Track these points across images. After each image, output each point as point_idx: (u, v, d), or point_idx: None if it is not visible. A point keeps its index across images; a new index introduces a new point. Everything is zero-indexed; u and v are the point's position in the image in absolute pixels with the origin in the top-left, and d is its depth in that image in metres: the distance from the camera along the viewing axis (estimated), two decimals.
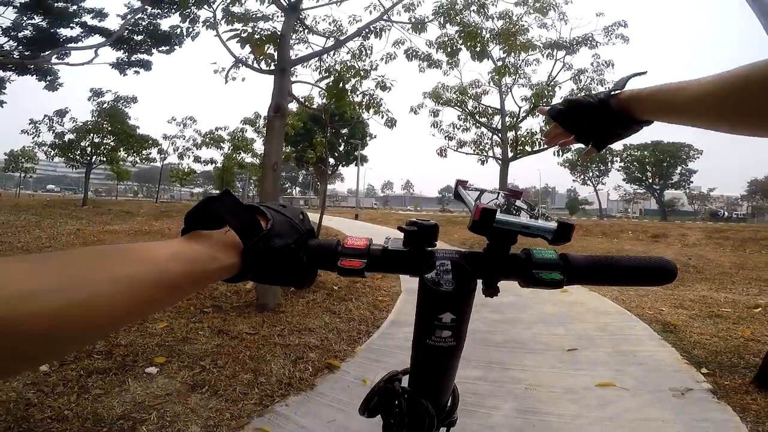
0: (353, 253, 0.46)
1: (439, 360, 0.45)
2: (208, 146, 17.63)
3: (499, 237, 0.45)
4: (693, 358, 2.73)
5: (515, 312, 3.81)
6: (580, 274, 0.46)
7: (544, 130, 12.12)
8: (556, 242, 0.43)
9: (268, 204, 0.45)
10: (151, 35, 10.04)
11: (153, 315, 3.31)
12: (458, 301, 0.42)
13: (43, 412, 1.92)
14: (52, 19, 10.08)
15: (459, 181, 0.60)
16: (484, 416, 2.06)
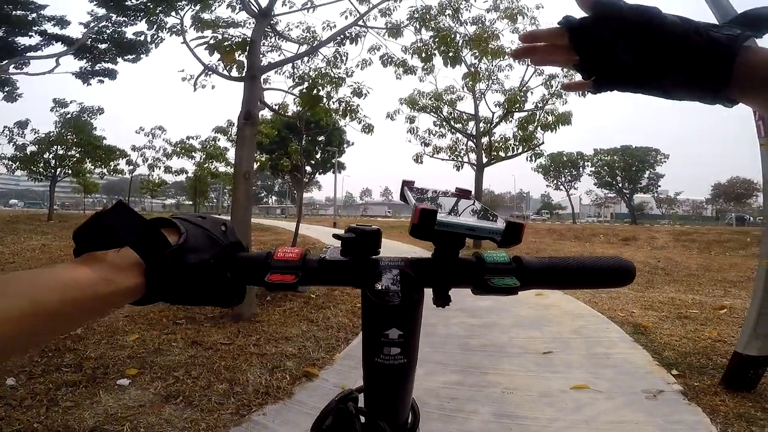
0: (284, 266, 0.42)
1: (390, 379, 0.42)
2: (179, 156, 17.21)
3: (444, 241, 0.42)
4: (664, 360, 2.81)
5: (492, 316, 3.85)
6: (535, 278, 0.43)
7: (517, 136, 12.42)
8: (505, 244, 0.41)
9: (183, 215, 0.41)
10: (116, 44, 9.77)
11: (123, 327, 3.19)
12: (406, 314, 0.39)
13: (11, 425, 1.86)
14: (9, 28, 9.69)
15: (405, 182, 0.56)
16: (463, 421, 2.06)
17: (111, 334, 3.07)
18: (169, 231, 0.37)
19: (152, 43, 5.14)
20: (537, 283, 0.43)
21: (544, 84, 12.22)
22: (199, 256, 0.37)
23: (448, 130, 13.91)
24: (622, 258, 0.45)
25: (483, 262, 0.43)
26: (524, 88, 12.33)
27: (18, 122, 18.15)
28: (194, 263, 0.36)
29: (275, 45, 5.50)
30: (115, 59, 10.21)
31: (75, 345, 2.82)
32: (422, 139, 13.95)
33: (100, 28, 9.57)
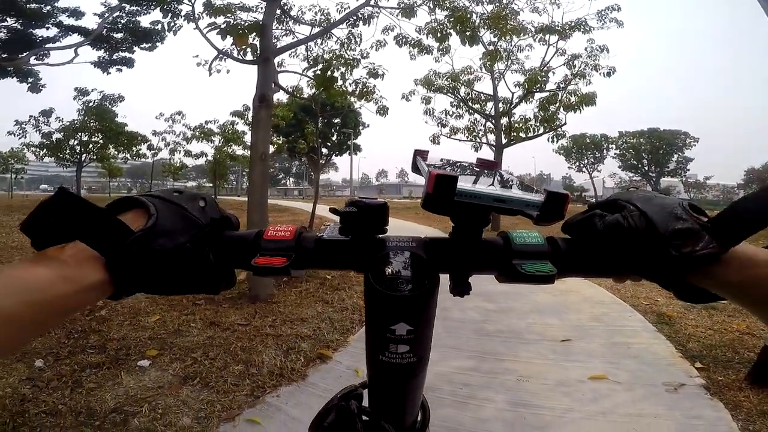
0: (275, 246, 0.36)
1: (397, 379, 0.37)
2: (199, 140, 17.49)
3: (465, 216, 0.35)
4: (687, 352, 2.72)
5: (509, 301, 3.79)
6: (575, 264, 0.36)
7: (538, 117, 12.09)
8: (544, 220, 0.33)
9: (155, 192, 0.35)
10: (132, 33, 9.90)
11: (145, 308, 3.28)
12: (416, 306, 0.33)
13: (38, 406, 1.93)
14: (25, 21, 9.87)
15: (417, 151, 0.46)
16: (477, 408, 2.04)
17: (134, 315, 3.17)
18: (138, 213, 0.33)
19: (169, 30, 5.13)
20: (576, 271, 0.37)
21: (567, 64, 11.76)
22: (173, 240, 0.32)
23: (465, 111, 13.61)
24: None
25: (511, 243, 0.36)
26: (545, 68, 11.89)
27: (43, 111, 18.90)
28: (168, 249, 0.31)
29: (288, 29, 5.44)
30: (132, 48, 10.38)
31: (99, 326, 2.91)
32: (439, 119, 13.71)
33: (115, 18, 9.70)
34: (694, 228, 0.32)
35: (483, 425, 1.91)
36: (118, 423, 1.84)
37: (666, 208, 0.33)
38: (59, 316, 0.28)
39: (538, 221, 0.33)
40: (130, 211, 0.33)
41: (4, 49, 10.10)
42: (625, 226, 0.33)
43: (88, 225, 0.29)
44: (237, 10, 4.46)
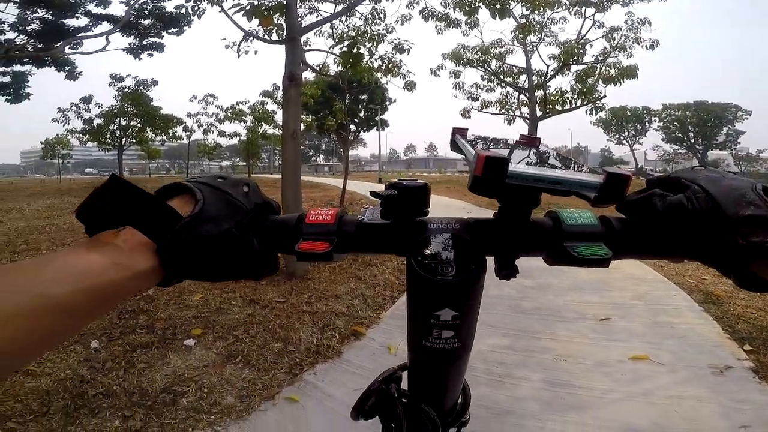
0: (317, 231, 0.36)
1: (440, 363, 0.37)
2: (231, 121, 17.89)
3: (514, 198, 0.33)
4: (735, 333, 2.58)
5: (547, 277, 3.70)
6: (631, 245, 0.34)
7: (575, 89, 11.58)
8: (602, 202, 0.31)
9: (200, 178, 0.35)
10: (158, 18, 10.06)
11: (188, 287, 3.44)
12: (462, 291, 0.32)
13: (95, 388, 2.03)
14: (55, 11, 10.18)
15: (456, 129, 0.45)
16: (512, 387, 2.04)
17: (178, 294, 3.33)
18: (184, 199, 0.33)
19: (194, 14, 5.15)
20: (632, 252, 0.35)
21: (605, 37, 11.16)
22: (218, 226, 0.32)
23: (497, 84, 13.18)
24: None
25: (561, 224, 0.35)
26: (582, 40, 11.32)
27: (83, 98, 19.81)
28: (214, 235, 0.31)
29: (312, 7, 5.36)
30: (160, 33, 10.60)
31: (148, 306, 3.08)
32: (469, 93, 13.34)
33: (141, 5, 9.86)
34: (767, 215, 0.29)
35: (519, 404, 1.90)
36: (168, 403, 1.92)
37: (736, 191, 0.30)
38: (110, 303, 0.28)
39: (596, 203, 0.31)
40: (177, 197, 0.34)
41: (40, 39, 10.50)
42: (689, 209, 0.31)
43: (139, 211, 0.30)
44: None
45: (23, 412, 1.85)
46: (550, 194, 0.32)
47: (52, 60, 10.64)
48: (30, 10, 10.00)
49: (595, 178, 0.30)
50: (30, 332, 0.22)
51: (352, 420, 0.43)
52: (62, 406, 1.89)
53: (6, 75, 11.30)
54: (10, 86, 11.53)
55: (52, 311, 0.23)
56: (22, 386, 2.03)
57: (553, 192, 0.31)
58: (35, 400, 1.93)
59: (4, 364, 0.22)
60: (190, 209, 0.32)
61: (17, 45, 10.11)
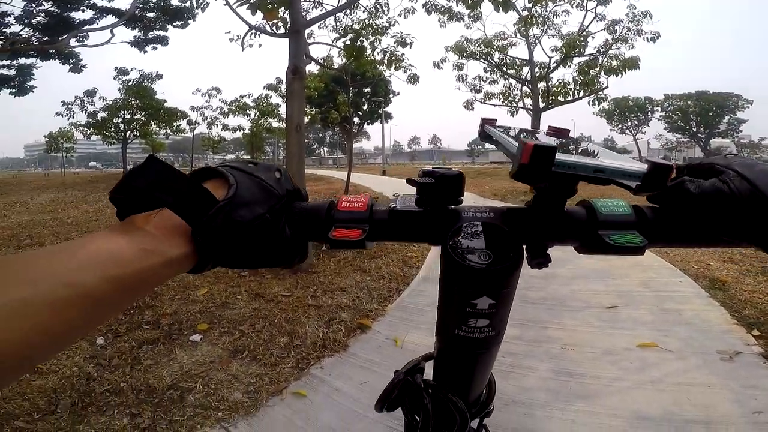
0: (350, 218, 0.36)
1: (471, 353, 0.37)
2: (235, 114, 17.85)
3: (555, 186, 0.34)
4: (744, 319, 2.56)
5: (553, 266, 3.60)
6: (665, 233, 0.34)
7: (578, 81, 11.58)
8: (644, 191, 0.30)
9: (232, 162, 0.35)
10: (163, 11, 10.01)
11: (193, 282, 3.45)
12: (499, 279, 0.32)
13: (102, 385, 2.03)
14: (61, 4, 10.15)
15: (485, 120, 0.46)
16: (520, 377, 2.04)
17: (183, 288, 3.34)
18: (216, 183, 0.32)
19: (198, 7, 5.12)
20: (666, 240, 0.35)
21: (607, 29, 11.15)
22: (252, 211, 0.31)
23: (500, 76, 13.14)
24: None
25: (596, 213, 0.35)
26: (584, 32, 11.28)
27: (87, 91, 19.61)
28: (248, 220, 0.31)
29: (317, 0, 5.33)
30: (165, 26, 10.54)
31: (153, 301, 3.08)
32: (472, 85, 13.28)
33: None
34: None
35: (527, 394, 1.90)
36: (176, 400, 1.91)
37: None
38: (141, 292, 0.27)
39: (638, 192, 0.31)
40: (209, 181, 0.33)
41: (45, 32, 10.50)
42: (727, 192, 0.31)
43: (176, 192, 0.29)
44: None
45: (31, 410, 1.84)
46: (590, 182, 0.32)
47: (57, 53, 10.61)
48: (36, 3, 9.97)
49: (639, 166, 0.30)
50: (56, 323, 0.21)
51: (375, 412, 0.42)
52: (69, 404, 1.89)
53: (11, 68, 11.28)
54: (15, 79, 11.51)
55: (80, 301, 0.22)
56: (28, 384, 2.02)
57: (594, 181, 0.31)
58: (42, 398, 1.93)
59: (30, 355, 0.21)
60: (224, 193, 0.31)
61: (22, 38, 10.08)
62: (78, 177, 23.73)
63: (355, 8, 5.36)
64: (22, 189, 13.92)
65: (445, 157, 67.91)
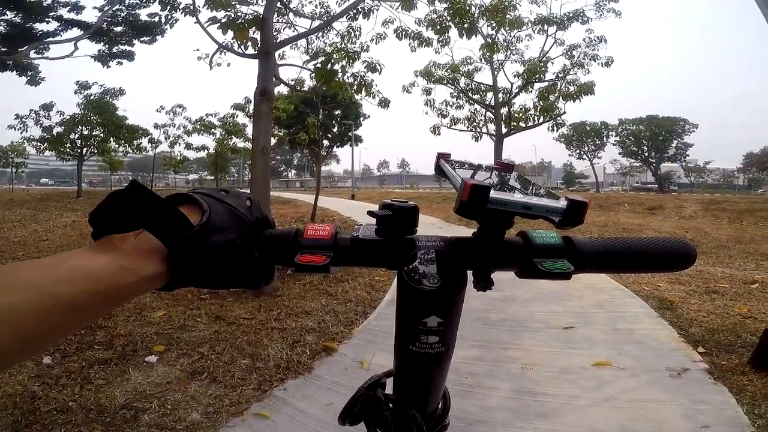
0: (315, 245, 0.39)
1: (425, 367, 0.40)
2: (200, 133, 17.45)
3: (493, 220, 0.38)
4: (690, 337, 2.73)
5: (513, 289, 3.81)
6: (590, 261, 0.39)
7: (538, 106, 12.22)
8: (565, 225, 0.36)
9: (204, 190, 0.37)
10: (131, 25, 9.84)
11: (150, 304, 3.30)
12: (446, 300, 0.35)
13: (49, 404, 1.95)
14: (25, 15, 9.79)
15: (441, 155, 0.51)
16: (482, 397, 2.07)
17: (139, 310, 3.19)
18: (190, 208, 0.35)
19: (167, 23, 5.08)
20: (591, 266, 0.39)
21: (565, 54, 11.91)
22: (224, 236, 0.34)
23: (465, 101, 13.67)
24: (682, 239, 0.41)
25: (531, 242, 0.39)
26: (544, 58, 12.01)
27: (43, 105, 18.77)
28: (219, 244, 0.33)
29: (289, 22, 5.41)
30: (132, 41, 10.31)
31: (106, 322, 2.93)
32: (439, 110, 13.73)
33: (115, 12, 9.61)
34: None
35: (489, 413, 1.93)
36: (129, 419, 1.86)
37: None
38: (116, 304, 0.29)
39: (560, 226, 0.36)
40: (184, 206, 0.35)
41: (4, 43, 10.02)
42: None
43: (155, 215, 0.31)
44: (237, 4, 4.42)
45: None
46: (523, 218, 0.36)
47: (15, 64, 10.11)
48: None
49: (560, 203, 0.36)
50: (38, 327, 0.23)
51: (338, 426, 0.45)
52: (11, 422, 1.80)
53: None
54: None
55: (61, 309, 0.25)
56: None
57: (525, 216, 0.36)
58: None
59: (13, 355, 0.23)
60: (198, 219, 0.33)
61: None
62: (27, 194, 22.33)
63: (328, 31, 5.48)
64: None
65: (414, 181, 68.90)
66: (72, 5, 10.09)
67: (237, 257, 0.35)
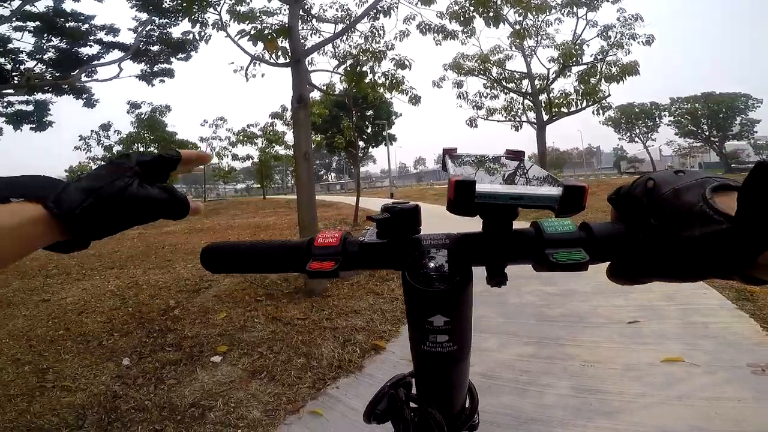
0: (324, 252, 0.40)
1: (440, 366, 0.39)
2: (243, 143, 18.21)
3: (492, 214, 0.37)
4: None
5: (570, 283, 3.63)
6: (609, 249, 0.36)
7: (579, 90, 11.62)
8: (564, 212, 0.34)
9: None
10: (166, 44, 10.31)
11: (212, 307, 3.49)
12: (451, 299, 0.35)
13: (128, 402, 2.11)
14: (69, 40, 10.45)
15: (446, 150, 0.50)
16: (538, 395, 1.99)
17: (203, 313, 3.39)
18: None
19: (201, 39, 5.29)
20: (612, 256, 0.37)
21: (600, 35, 11.30)
22: (97, 183, 0.37)
23: (500, 91, 13.25)
24: None
25: (542, 232, 0.37)
26: (578, 40, 11.42)
27: (102, 125, 20.16)
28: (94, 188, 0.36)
29: (314, 28, 5.50)
30: (169, 59, 10.85)
31: (174, 325, 3.15)
32: (473, 102, 13.41)
33: (148, 32, 10.14)
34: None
35: (545, 411, 1.86)
36: (197, 417, 1.97)
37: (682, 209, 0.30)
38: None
39: (559, 214, 0.34)
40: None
41: (57, 68, 10.84)
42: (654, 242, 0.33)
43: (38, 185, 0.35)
44: (261, 15, 4.55)
45: (60, 425, 1.93)
46: (520, 207, 0.35)
47: (70, 88, 10.93)
48: (45, 39, 10.28)
49: (555, 191, 0.33)
50: None
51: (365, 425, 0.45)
52: (96, 419, 1.96)
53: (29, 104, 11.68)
54: (33, 115, 11.90)
55: None
56: (58, 401, 2.14)
57: (521, 206, 0.34)
58: (71, 414, 2.02)
59: None
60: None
61: (36, 74, 10.41)
62: None
63: (352, 33, 5.50)
64: None
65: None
66: (108, 28, 10.79)
67: (117, 196, 0.37)
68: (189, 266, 5.37)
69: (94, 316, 3.55)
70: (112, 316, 3.51)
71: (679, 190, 0.31)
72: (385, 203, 0.40)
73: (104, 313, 3.63)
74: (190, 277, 4.74)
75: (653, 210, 0.33)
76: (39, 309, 3.90)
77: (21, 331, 3.31)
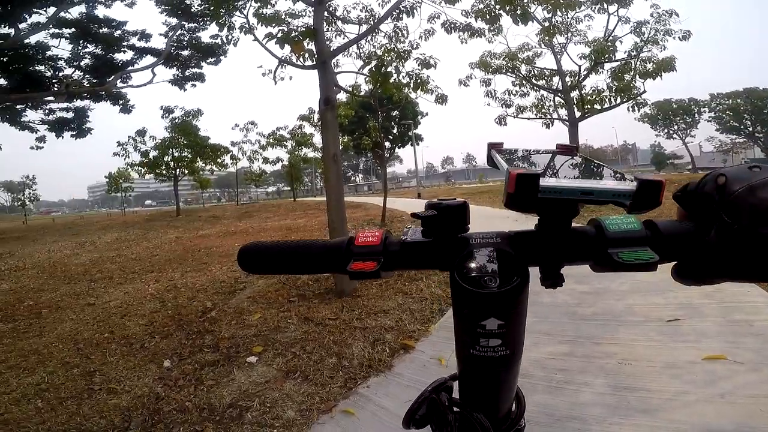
0: (365, 251, 0.39)
1: (489, 371, 0.37)
2: (273, 146, 18.54)
3: (552, 211, 0.34)
4: None
5: (604, 282, 3.53)
6: (679, 248, 0.34)
7: (612, 87, 11.25)
8: (638, 209, 0.31)
9: None
10: (196, 48, 10.55)
11: (247, 308, 3.60)
12: (506, 301, 0.33)
13: (170, 404, 2.18)
14: (104, 46, 10.76)
15: (491, 145, 0.47)
16: (573, 393, 1.96)
17: (239, 314, 3.51)
18: None
19: (229, 43, 5.40)
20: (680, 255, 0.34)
21: (634, 31, 10.91)
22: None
23: (530, 88, 12.96)
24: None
25: (604, 231, 0.35)
26: (610, 37, 11.05)
27: (138, 131, 20.54)
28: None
29: (338, 30, 5.55)
30: (200, 63, 11.13)
31: (212, 327, 3.28)
32: (502, 100, 13.17)
33: (178, 36, 10.42)
34: None
35: (581, 409, 1.83)
36: (235, 417, 2.02)
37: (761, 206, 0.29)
38: None
39: (632, 210, 0.32)
40: None
41: (93, 74, 11.23)
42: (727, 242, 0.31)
43: None
44: (287, 17, 4.63)
45: (108, 427, 2.02)
46: (586, 203, 0.33)
47: (107, 94, 11.26)
48: (81, 45, 10.69)
49: (629, 186, 0.32)
50: None
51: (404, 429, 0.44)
52: (141, 421, 2.05)
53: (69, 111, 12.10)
54: (73, 121, 12.33)
55: None
56: (105, 403, 2.24)
57: (588, 202, 0.32)
58: (118, 416, 2.11)
59: None
60: None
61: (74, 80, 10.83)
62: (137, 216, 25.24)
63: (376, 34, 5.52)
64: (89, 229, 15.16)
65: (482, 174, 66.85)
66: (140, 33, 11.18)
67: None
68: (224, 268, 5.56)
69: (136, 319, 3.72)
70: (152, 319, 3.67)
71: (755, 187, 0.30)
72: (430, 201, 0.39)
73: (145, 315, 3.81)
74: (225, 279, 4.90)
75: (726, 207, 0.31)
76: (85, 313, 4.12)
77: (69, 334, 3.49)
